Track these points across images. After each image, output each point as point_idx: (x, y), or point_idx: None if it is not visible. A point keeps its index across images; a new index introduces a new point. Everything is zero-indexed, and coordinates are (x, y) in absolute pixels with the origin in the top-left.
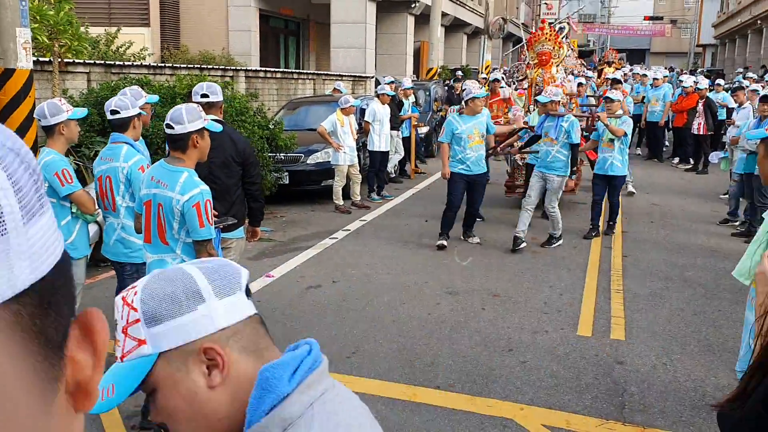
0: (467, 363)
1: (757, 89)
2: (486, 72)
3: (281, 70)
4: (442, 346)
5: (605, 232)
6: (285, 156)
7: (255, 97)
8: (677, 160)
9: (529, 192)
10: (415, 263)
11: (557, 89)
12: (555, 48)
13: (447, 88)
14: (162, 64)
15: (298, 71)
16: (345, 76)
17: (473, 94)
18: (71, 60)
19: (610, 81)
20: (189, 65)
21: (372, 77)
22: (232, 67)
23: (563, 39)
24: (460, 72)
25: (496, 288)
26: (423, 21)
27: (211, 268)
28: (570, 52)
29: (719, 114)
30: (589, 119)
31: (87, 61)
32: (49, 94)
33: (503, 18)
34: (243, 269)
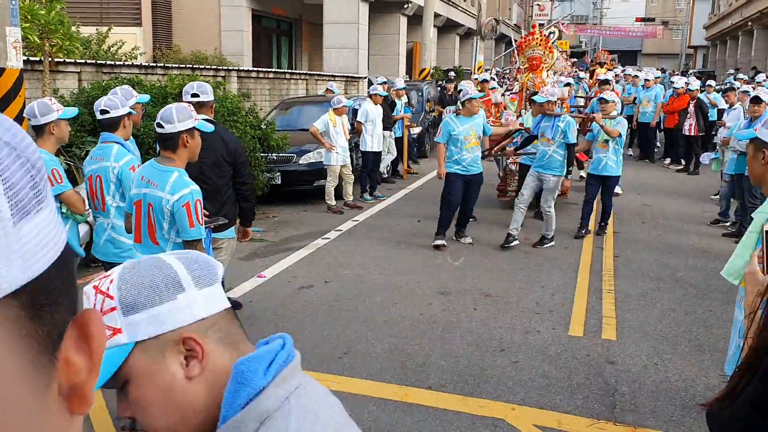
0: (459, 363)
1: (748, 90)
2: (478, 73)
3: (273, 70)
4: (434, 346)
5: (597, 232)
6: (277, 156)
7: (247, 97)
8: (668, 160)
9: (523, 190)
10: (408, 263)
11: (554, 89)
12: (545, 53)
13: (439, 88)
14: (154, 63)
15: (290, 71)
16: (337, 76)
17: (470, 95)
18: (62, 59)
19: (598, 82)
20: (181, 65)
21: (365, 78)
22: (224, 67)
23: (553, 44)
24: (452, 73)
25: (488, 288)
26: (416, 22)
27: (190, 258)
28: (559, 55)
29: (710, 115)
30: (584, 120)
31: (78, 61)
32: (40, 93)
33: (495, 19)
34: (218, 263)
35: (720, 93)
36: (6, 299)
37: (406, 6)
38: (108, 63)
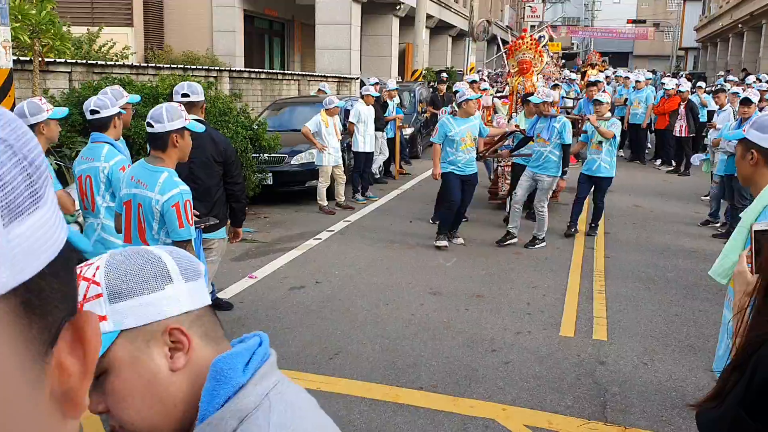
0: (450, 364)
1: (738, 92)
2: (471, 74)
3: (266, 70)
4: (425, 347)
5: (588, 233)
6: (269, 157)
7: (239, 98)
8: (659, 162)
9: (517, 190)
10: (399, 264)
11: (550, 90)
12: (535, 56)
13: (431, 89)
14: (145, 64)
15: (282, 72)
16: (330, 77)
17: (466, 96)
18: (52, 59)
19: (584, 84)
20: (172, 65)
21: (357, 78)
22: (215, 68)
23: (543, 47)
24: (444, 74)
25: (479, 289)
26: (408, 23)
27: (175, 252)
28: (549, 60)
29: (701, 116)
30: (579, 122)
31: (68, 61)
32: (30, 93)
33: (488, 20)
34: (198, 260)
35: (710, 95)
36: None
37: (398, 7)
38: (99, 63)
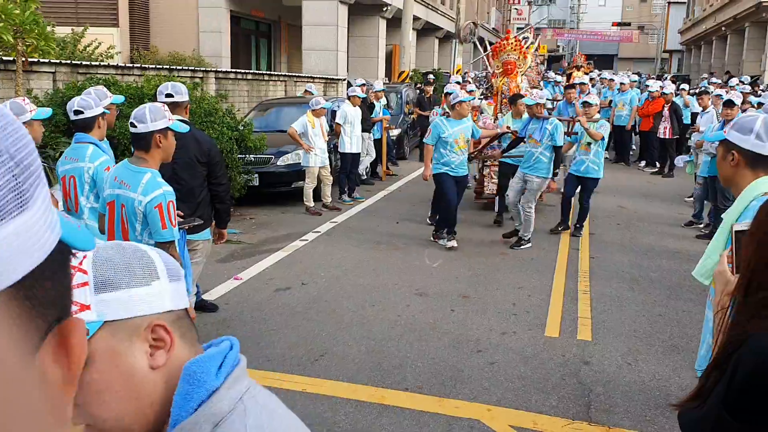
0: (436, 365)
1: (721, 94)
2: (458, 75)
3: (252, 71)
4: (411, 348)
5: (573, 233)
6: (255, 157)
7: (224, 98)
8: (644, 163)
9: (508, 192)
10: (386, 265)
11: (543, 92)
12: (520, 58)
13: (418, 91)
14: (130, 64)
15: (269, 73)
16: (317, 78)
17: (460, 98)
18: (36, 59)
19: (565, 86)
20: (158, 66)
21: (344, 79)
22: (201, 68)
23: (527, 48)
24: (431, 75)
25: (465, 289)
26: (395, 24)
27: (160, 251)
28: (533, 64)
29: (684, 118)
30: (569, 123)
31: (52, 61)
32: (13, 93)
33: (474, 23)
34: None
35: (694, 96)
36: None
37: (385, 9)
38: (83, 63)
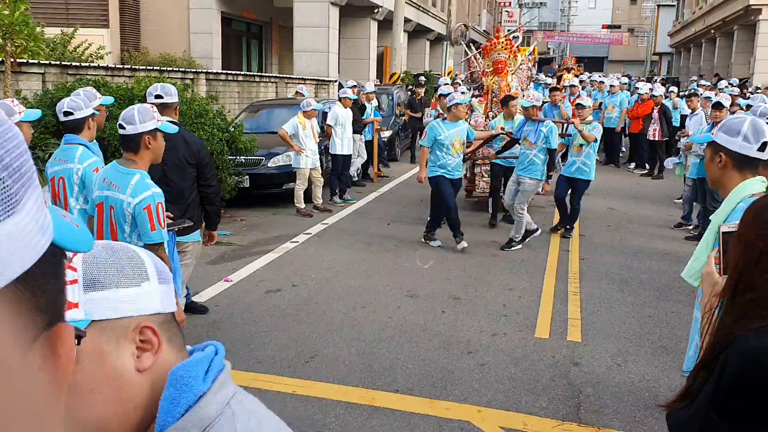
0: (426, 366)
1: (710, 96)
2: (449, 77)
3: (243, 72)
4: (401, 349)
5: (563, 235)
6: (246, 159)
7: (215, 100)
8: (633, 165)
9: (505, 196)
10: (377, 266)
11: (539, 94)
12: (510, 57)
13: (409, 93)
14: (121, 65)
15: (260, 74)
16: (308, 79)
17: (456, 100)
18: (25, 60)
19: (550, 88)
20: (148, 67)
21: (335, 81)
22: (192, 70)
23: (517, 48)
24: (422, 77)
25: (456, 291)
26: (386, 26)
27: (150, 253)
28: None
29: (674, 120)
30: (564, 125)
31: (42, 62)
32: (1, 95)
33: (465, 25)
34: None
35: (683, 99)
36: None
37: (376, 11)
38: (73, 64)
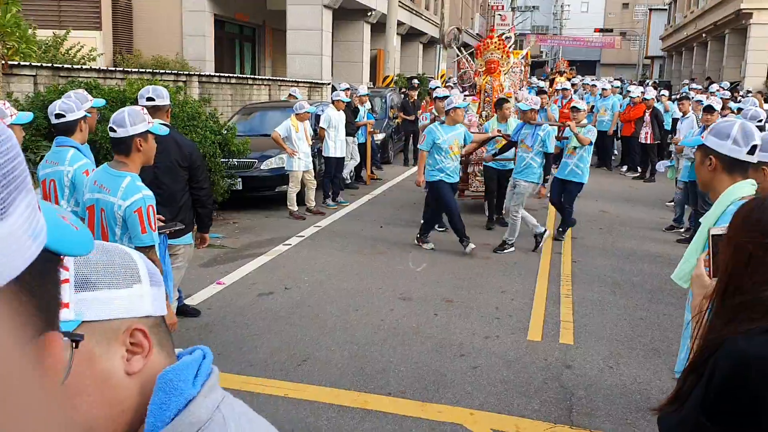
0: (419, 369)
1: (701, 100)
2: (441, 81)
3: (236, 75)
4: (394, 352)
5: (555, 237)
6: (238, 162)
7: (208, 102)
8: (625, 168)
9: (506, 203)
10: (369, 269)
11: (537, 98)
12: (503, 57)
13: (402, 95)
14: (113, 68)
15: (253, 77)
16: (301, 82)
17: (454, 104)
18: (17, 62)
19: (552, 91)
20: (141, 69)
21: (328, 84)
22: (185, 72)
23: (510, 48)
24: (416, 80)
25: (449, 293)
26: (379, 29)
27: (142, 255)
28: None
29: (665, 124)
30: (560, 128)
31: (33, 64)
32: None
33: (458, 28)
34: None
35: (674, 102)
36: None
37: (369, 14)
38: (65, 66)
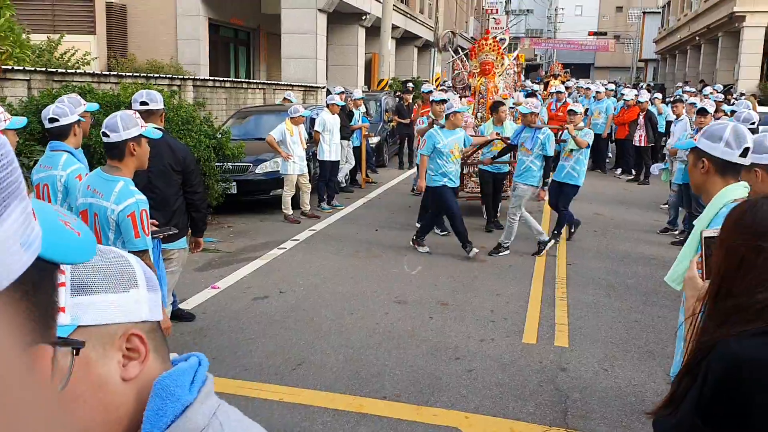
0: (414, 372)
1: (695, 102)
2: (436, 84)
3: (230, 79)
4: (389, 356)
5: (551, 238)
6: (233, 165)
7: (202, 106)
8: (619, 171)
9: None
10: (365, 273)
11: (537, 101)
12: (497, 58)
13: (397, 99)
14: (107, 72)
15: (247, 81)
16: (296, 86)
17: (454, 108)
18: (11, 66)
19: (546, 94)
20: (135, 74)
21: (323, 87)
22: (179, 76)
23: (504, 50)
24: (410, 84)
25: (444, 297)
26: (374, 33)
27: (139, 260)
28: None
29: (659, 126)
30: (558, 131)
31: (27, 68)
32: None
33: (452, 32)
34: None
35: (668, 105)
36: None
37: (364, 18)
38: (59, 71)
